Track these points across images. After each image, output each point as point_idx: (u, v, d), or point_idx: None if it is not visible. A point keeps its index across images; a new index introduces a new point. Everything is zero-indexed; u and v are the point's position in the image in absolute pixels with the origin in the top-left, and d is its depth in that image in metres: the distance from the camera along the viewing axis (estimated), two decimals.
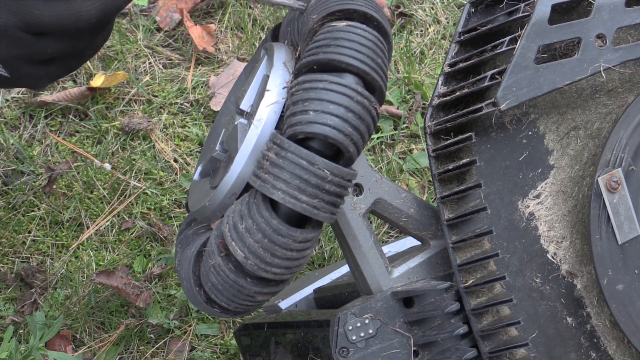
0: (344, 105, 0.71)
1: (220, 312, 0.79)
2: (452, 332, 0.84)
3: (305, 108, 0.72)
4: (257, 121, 0.77)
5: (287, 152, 0.71)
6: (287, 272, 0.74)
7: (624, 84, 0.90)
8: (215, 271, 0.75)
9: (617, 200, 0.85)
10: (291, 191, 0.71)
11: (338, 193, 0.72)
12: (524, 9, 0.85)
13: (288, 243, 0.72)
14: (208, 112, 1.65)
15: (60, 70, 0.77)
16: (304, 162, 0.71)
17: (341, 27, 0.74)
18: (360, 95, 0.72)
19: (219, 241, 0.75)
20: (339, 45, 0.73)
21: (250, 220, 0.72)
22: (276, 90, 0.78)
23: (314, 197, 0.71)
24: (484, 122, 0.87)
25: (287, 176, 0.71)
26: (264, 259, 0.72)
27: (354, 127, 0.72)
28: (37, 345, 1.40)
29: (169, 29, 1.74)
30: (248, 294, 0.75)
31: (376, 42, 0.75)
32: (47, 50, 0.73)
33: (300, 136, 0.72)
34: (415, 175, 1.61)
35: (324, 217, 0.72)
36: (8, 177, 1.56)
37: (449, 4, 1.81)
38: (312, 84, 0.72)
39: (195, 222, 0.89)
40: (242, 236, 0.72)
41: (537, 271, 0.87)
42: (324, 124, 0.71)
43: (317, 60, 0.73)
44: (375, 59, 0.74)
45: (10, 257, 1.51)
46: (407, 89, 1.69)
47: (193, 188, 0.89)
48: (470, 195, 0.87)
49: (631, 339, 0.86)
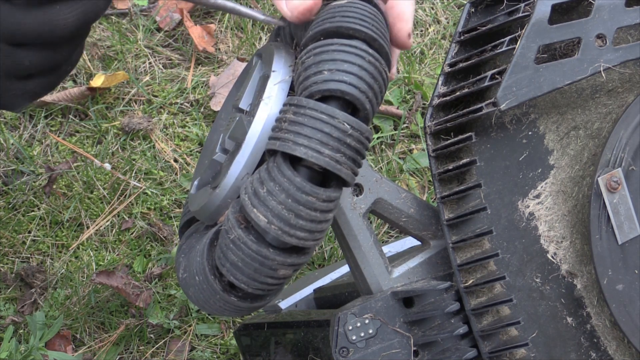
0: (357, 64, 0.71)
1: (237, 300, 0.76)
2: (452, 332, 0.84)
3: (320, 69, 0.71)
4: (267, 98, 0.76)
5: (305, 109, 0.70)
6: (310, 238, 0.72)
7: (624, 84, 0.90)
8: (234, 246, 0.73)
9: (617, 200, 0.85)
10: (313, 145, 0.69)
11: (358, 149, 0.72)
12: (524, 8, 0.85)
13: (312, 201, 0.70)
14: (208, 112, 1.65)
15: (39, 88, 0.76)
16: (325, 116, 0.70)
17: (343, 3, 0.75)
18: (371, 56, 0.72)
19: (237, 215, 0.73)
20: (344, 15, 0.73)
21: (272, 183, 0.71)
22: (282, 70, 0.78)
23: (336, 151, 0.70)
24: (484, 122, 0.87)
25: (308, 131, 0.70)
26: (288, 221, 0.70)
27: (369, 85, 0.71)
28: (37, 345, 1.40)
29: (169, 29, 1.74)
30: (270, 267, 0.73)
31: (377, 15, 0.75)
32: (25, 62, 0.72)
33: (316, 96, 0.71)
34: (415, 175, 1.61)
35: (345, 174, 0.71)
36: (8, 177, 1.56)
37: (449, 4, 1.81)
38: (323, 48, 0.72)
39: (196, 233, 0.87)
40: (265, 200, 0.70)
41: (537, 271, 0.87)
42: (340, 81, 0.70)
43: (324, 30, 0.73)
44: (379, 28, 0.74)
45: (10, 257, 1.51)
46: (407, 89, 1.69)
47: (192, 200, 0.88)
48: (470, 195, 0.87)
49: (631, 339, 0.86)
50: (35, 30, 0.71)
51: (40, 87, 0.76)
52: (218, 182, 0.80)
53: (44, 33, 0.71)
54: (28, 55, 0.72)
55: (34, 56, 0.73)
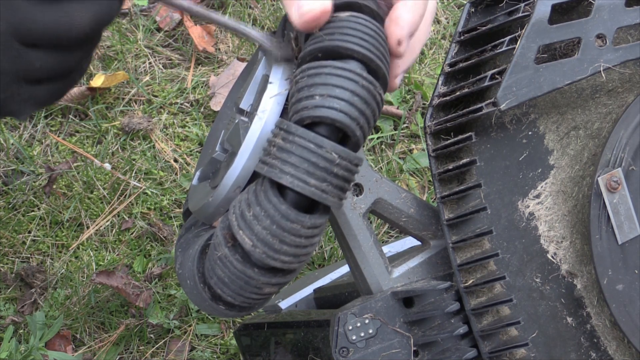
0: (349, 90, 0.71)
1: (225, 309, 0.78)
2: (452, 332, 0.84)
3: (311, 93, 0.71)
4: (261, 112, 0.77)
5: (294, 136, 0.70)
6: (295, 261, 0.73)
7: (624, 84, 0.90)
8: (221, 263, 0.74)
9: (617, 200, 0.85)
10: (300, 175, 0.70)
11: (346, 177, 0.72)
12: (524, 8, 0.85)
13: (297, 229, 0.71)
14: (208, 112, 1.65)
15: (48, 95, 0.75)
16: (312, 145, 0.70)
17: (344, 17, 0.74)
18: (365, 80, 0.72)
19: (225, 232, 0.74)
20: (343, 33, 0.73)
21: (258, 207, 0.71)
22: (278, 82, 0.78)
23: (322, 181, 0.70)
24: (484, 122, 0.87)
25: (295, 160, 0.70)
26: (272, 246, 0.71)
27: (360, 111, 0.71)
28: (37, 345, 1.40)
29: (169, 29, 1.74)
30: (255, 285, 0.74)
31: (377, 31, 0.75)
32: (36, 63, 0.71)
33: (307, 121, 0.71)
34: (415, 175, 1.61)
35: (332, 202, 0.72)
36: (8, 177, 1.56)
37: (449, 4, 1.80)
38: (317, 70, 0.72)
39: (195, 226, 0.88)
40: (250, 224, 0.71)
41: (537, 271, 0.87)
42: (331, 108, 0.70)
43: (322, 48, 0.73)
44: (378, 47, 0.74)
45: (10, 257, 1.51)
46: (407, 89, 1.69)
47: (192, 192, 0.89)
48: (470, 195, 0.87)
49: (631, 339, 0.86)
50: (52, 29, 0.69)
51: (48, 94, 0.75)
52: (215, 184, 0.81)
53: (60, 33, 0.70)
54: (40, 57, 0.71)
55: (46, 59, 0.71)
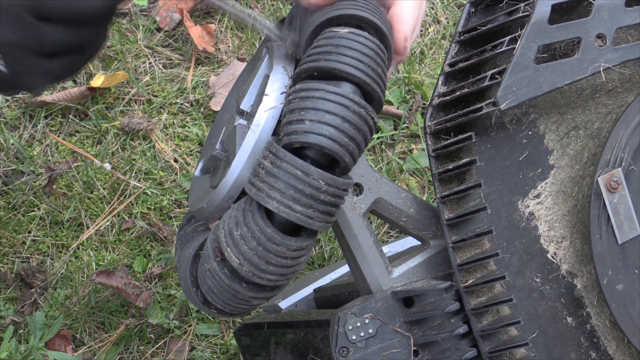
0: (340, 115, 0.71)
1: (217, 313, 0.80)
2: (452, 332, 0.84)
3: (302, 117, 0.71)
4: (255, 126, 0.77)
5: (282, 161, 0.71)
6: (281, 279, 0.74)
7: (624, 84, 0.90)
8: (211, 275, 0.75)
9: (617, 200, 0.85)
10: (285, 201, 0.71)
11: (333, 202, 0.73)
12: (524, 8, 0.85)
13: (282, 251, 0.72)
14: (208, 112, 1.65)
15: (62, 70, 0.76)
16: (299, 172, 0.71)
17: (343, 34, 0.74)
18: (357, 105, 0.72)
19: (215, 245, 0.75)
20: (340, 54, 0.73)
21: (245, 228, 0.72)
22: (274, 95, 0.78)
23: (308, 207, 0.71)
24: (484, 122, 0.87)
25: (281, 186, 0.71)
26: (258, 266, 0.72)
27: (350, 137, 0.72)
28: (37, 345, 1.40)
29: (169, 29, 1.74)
30: (243, 299, 0.75)
31: (377, 50, 0.74)
32: (50, 37, 0.72)
33: (295, 145, 0.72)
34: (415, 175, 1.61)
35: (318, 227, 0.73)
36: (8, 177, 1.56)
37: (449, 4, 1.81)
38: (309, 93, 0.72)
39: (195, 218, 0.89)
40: (237, 243, 0.72)
41: (537, 271, 0.87)
42: (320, 134, 0.71)
43: (318, 68, 0.73)
44: (375, 69, 0.73)
45: (10, 257, 1.51)
46: (407, 89, 1.69)
47: (194, 184, 0.90)
48: (470, 195, 0.87)
49: (631, 339, 0.86)
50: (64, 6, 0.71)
51: (63, 68, 0.76)
52: (214, 184, 0.81)
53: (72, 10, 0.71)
54: (53, 32, 0.72)
55: (60, 33, 0.73)
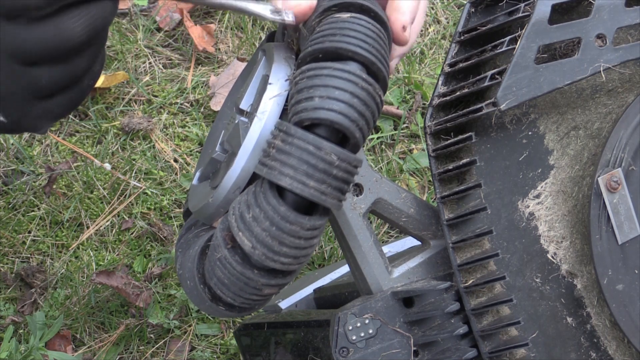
0: (349, 91, 0.71)
1: (225, 310, 0.78)
2: (452, 332, 0.84)
3: (311, 95, 0.71)
4: (261, 114, 0.77)
5: (293, 138, 0.70)
6: (294, 262, 0.73)
7: (624, 84, 0.90)
8: (221, 264, 0.74)
9: (617, 200, 0.85)
10: (299, 177, 0.70)
11: (345, 179, 0.72)
12: (524, 8, 0.85)
13: (296, 230, 0.71)
14: (208, 112, 1.65)
15: (61, 107, 0.74)
16: (311, 147, 0.70)
17: (345, 18, 0.74)
18: (365, 81, 0.71)
19: (225, 233, 0.74)
20: (344, 35, 0.73)
21: (257, 209, 0.71)
22: (279, 83, 0.78)
23: (321, 183, 0.70)
24: (484, 122, 0.87)
25: (294, 162, 0.70)
26: (271, 247, 0.71)
27: (360, 112, 0.71)
28: (37, 345, 1.40)
29: (169, 29, 1.74)
30: (255, 287, 0.74)
31: (379, 33, 0.75)
32: (42, 80, 0.71)
33: (306, 123, 0.71)
34: (415, 175, 1.61)
35: (331, 204, 0.72)
36: (8, 177, 1.56)
37: (449, 4, 1.81)
38: (317, 72, 0.72)
39: (195, 226, 0.88)
40: (250, 225, 0.71)
41: (537, 271, 0.87)
42: (330, 110, 0.70)
43: (323, 49, 0.73)
44: (379, 50, 0.74)
45: (10, 257, 1.51)
46: (407, 89, 1.69)
47: (192, 192, 0.89)
48: (470, 195, 0.87)
49: (631, 339, 0.86)
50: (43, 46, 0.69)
51: (62, 106, 0.74)
52: (215, 184, 0.81)
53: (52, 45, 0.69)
54: (43, 73, 0.71)
55: (50, 73, 0.71)
